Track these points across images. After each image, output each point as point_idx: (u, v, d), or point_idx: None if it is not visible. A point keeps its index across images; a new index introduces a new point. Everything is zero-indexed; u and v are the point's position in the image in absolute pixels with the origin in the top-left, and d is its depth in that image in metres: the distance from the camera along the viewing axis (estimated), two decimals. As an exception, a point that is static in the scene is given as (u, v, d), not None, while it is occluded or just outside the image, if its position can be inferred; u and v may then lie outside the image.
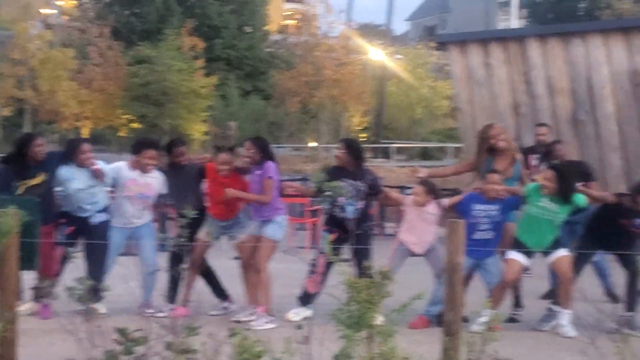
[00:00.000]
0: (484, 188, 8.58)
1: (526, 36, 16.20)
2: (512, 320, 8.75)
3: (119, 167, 8.98)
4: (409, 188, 15.54)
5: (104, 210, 8.87)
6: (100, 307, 8.13)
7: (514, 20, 74.90)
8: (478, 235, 8.43)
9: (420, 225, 8.61)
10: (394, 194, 9.28)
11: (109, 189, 9.04)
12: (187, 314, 7.97)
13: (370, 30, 55.91)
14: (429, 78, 49.14)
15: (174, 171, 9.07)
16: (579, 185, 8.66)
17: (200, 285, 9.04)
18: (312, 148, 40.88)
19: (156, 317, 6.85)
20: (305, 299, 8.66)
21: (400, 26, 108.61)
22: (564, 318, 8.28)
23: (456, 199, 8.94)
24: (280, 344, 4.19)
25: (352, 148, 8.82)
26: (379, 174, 10.48)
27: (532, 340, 7.99)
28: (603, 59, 15.63)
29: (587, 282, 9.72)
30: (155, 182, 9.00)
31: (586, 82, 15.70)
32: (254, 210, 8.77)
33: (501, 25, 69.78)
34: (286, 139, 44.62)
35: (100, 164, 8.88)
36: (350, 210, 8.56)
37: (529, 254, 8.34)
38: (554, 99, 15.76)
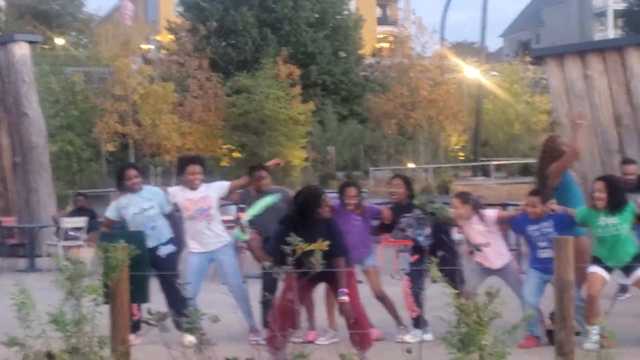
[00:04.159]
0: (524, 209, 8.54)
1: (625, 46, 15.97)
2: None
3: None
4: (511, 205, 15.45)
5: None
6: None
7: (610, 30, 73.63)
8: (542, 254, 8.26)
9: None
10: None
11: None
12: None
13: (464, 49, 55.73)
14: (525, 93, 48.68)
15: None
16: None
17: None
18: (411, 170, 40.82)
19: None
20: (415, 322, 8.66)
21: (494, 43, 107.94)
22: None
23: (508, 214, 9.28)
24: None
25: (407, 183, 9.06)
26: (479, 192, 10.40)
27: None
28: None
29: None
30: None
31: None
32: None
33: (597, 36, 68.63)
34: (384, 162, 44.70)
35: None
36: (422, 240, 8.70)
37: (608, 269, 8.17)
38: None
